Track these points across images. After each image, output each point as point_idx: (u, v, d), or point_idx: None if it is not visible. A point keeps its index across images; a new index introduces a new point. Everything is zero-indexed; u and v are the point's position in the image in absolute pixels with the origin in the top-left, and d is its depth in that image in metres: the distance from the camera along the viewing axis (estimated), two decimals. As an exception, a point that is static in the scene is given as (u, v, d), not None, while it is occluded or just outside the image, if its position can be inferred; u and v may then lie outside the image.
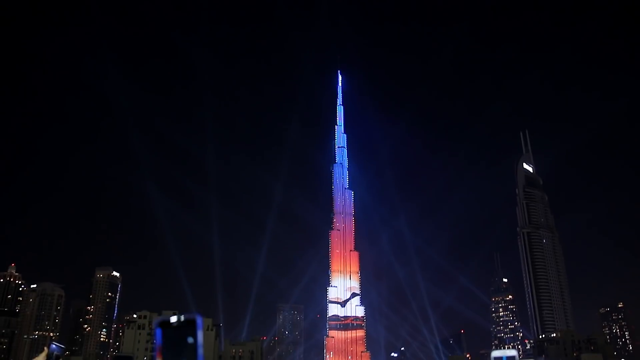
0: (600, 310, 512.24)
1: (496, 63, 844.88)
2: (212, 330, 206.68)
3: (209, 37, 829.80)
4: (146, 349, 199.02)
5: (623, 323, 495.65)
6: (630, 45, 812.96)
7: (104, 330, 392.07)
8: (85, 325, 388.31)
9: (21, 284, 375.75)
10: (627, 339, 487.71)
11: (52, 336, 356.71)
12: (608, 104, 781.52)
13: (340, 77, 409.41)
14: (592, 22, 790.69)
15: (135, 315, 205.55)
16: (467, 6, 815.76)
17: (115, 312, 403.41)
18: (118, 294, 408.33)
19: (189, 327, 2.85)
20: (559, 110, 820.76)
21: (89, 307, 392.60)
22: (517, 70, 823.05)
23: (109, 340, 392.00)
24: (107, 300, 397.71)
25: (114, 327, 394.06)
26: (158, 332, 2.96)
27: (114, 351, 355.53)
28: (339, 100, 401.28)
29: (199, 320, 2.84)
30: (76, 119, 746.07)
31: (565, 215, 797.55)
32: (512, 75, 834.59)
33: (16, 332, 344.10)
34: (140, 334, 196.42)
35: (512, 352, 8.39)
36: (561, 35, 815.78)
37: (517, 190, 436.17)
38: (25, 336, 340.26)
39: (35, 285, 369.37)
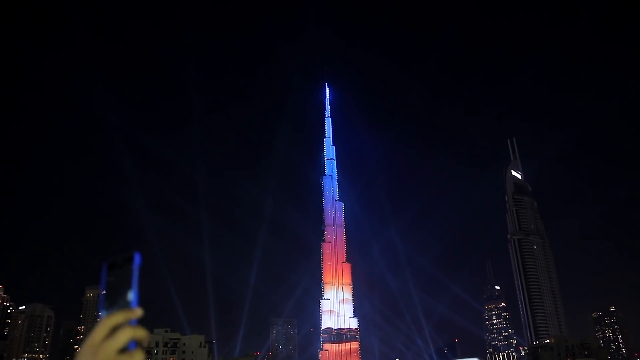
0: (593, 314, 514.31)
1: (484, 68, 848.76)
2: (205, 347, 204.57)
3: (195, 51, 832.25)
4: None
5: (616, 327, 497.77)
6: (619, 44, 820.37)
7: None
8: (76, 346, 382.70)
9: (9, 305, 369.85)
10: (620, 342, 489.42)
11: (42, 358, 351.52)
12: (597, 105, 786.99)
13: (327, 90, 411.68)
14: (580, 23, 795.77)
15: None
16: (453, 12, 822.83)
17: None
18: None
19: (128, 263, 2.86)
20: (548, 114, 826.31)
21: (79, 327, 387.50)
22: (506, 74, 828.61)
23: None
24: (98, 319, 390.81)
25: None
26: (103, 271, 2.97)
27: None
28: (327, 113, 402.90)
29: (137, 257, 2.79)
30: (66, 138, 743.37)
31: (555, 221, 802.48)
32: (500, 80, 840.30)
33: (5, 355, 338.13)
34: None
35: None
36: (549, 37, 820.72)
37: (506, 198, 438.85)
38: (15, 359, 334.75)
39: (24, 307, 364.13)
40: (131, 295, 2.78)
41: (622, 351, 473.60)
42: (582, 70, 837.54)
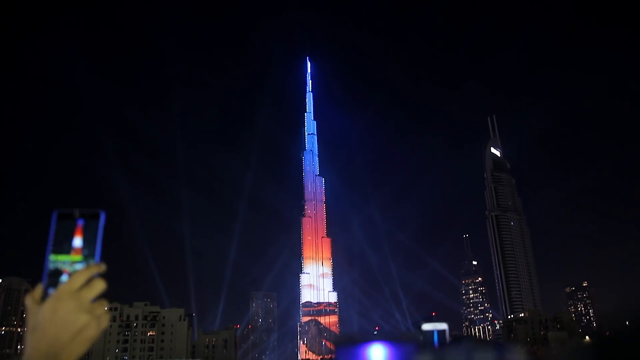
0: (566, 289, 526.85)
1: (468, 43, 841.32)
2: (184, 320, 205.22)
3: (176, 26, 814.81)
4: (118, 341, 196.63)
5: (587, 301, 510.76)
6: (601, 20, 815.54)
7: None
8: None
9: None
10: (592, 316, 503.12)
11: (19, 332, 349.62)
12: (580, 80, 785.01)
13: (309, 64, 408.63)
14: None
15: (105, 308, 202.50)
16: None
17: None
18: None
19: (94, 220, 2.94)
20: (530, 89, 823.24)
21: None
22: (489, 49, 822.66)
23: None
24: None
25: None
26: (54, 219, 2.98)
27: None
28: (308, 87, 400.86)
29: (102, 215, 2.93)
30: (50, 117, 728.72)
31: (532, 198, 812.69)
32: (484, 55, 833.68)
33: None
34: (111, 326, 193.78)
35: (443, 326, 8.31)
36: (532, 12, 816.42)
37: (485, 175, 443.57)
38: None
39: (0, 280, 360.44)
40: (97, 251, 2.99)
41: (593, 325, 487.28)
42: (565, 46, 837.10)
